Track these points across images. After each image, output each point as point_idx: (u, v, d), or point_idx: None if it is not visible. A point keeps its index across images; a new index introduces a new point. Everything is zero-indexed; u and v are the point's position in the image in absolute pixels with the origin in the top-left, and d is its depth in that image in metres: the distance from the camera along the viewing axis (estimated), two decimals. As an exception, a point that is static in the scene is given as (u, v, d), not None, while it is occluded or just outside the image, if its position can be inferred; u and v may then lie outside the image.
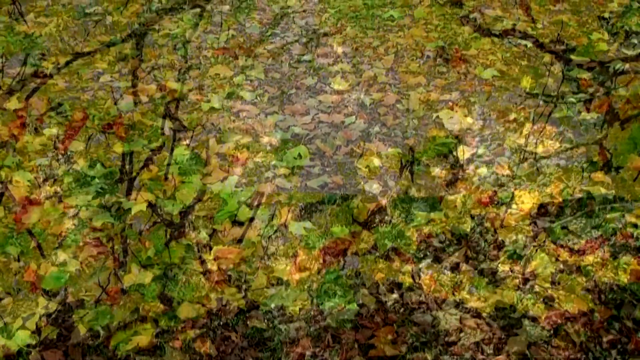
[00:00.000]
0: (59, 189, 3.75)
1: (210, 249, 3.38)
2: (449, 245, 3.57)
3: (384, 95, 4.55)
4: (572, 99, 4.73)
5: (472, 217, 3.74)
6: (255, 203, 3.64)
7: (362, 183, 3.78)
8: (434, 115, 4.30)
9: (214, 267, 3.27)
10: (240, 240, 3.41)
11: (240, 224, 3.51)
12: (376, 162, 3.95)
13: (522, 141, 4.36)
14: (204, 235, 3.45)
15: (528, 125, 4.48)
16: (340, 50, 5.20)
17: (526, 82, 4.63)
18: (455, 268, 3.43)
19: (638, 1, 6.06)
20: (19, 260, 3.35)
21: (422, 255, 3.50)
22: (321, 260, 3.41)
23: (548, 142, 4.37)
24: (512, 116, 4.48)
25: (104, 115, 4.37)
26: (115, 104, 4.47)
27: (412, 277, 3.39)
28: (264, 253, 3.36)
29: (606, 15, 6.14)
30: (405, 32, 5.43)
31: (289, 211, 3.59)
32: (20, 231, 3.53)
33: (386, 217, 3.71)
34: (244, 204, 3.61)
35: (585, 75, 5.07)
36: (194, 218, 3.55)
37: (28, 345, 3.00)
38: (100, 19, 5.85)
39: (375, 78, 4.77)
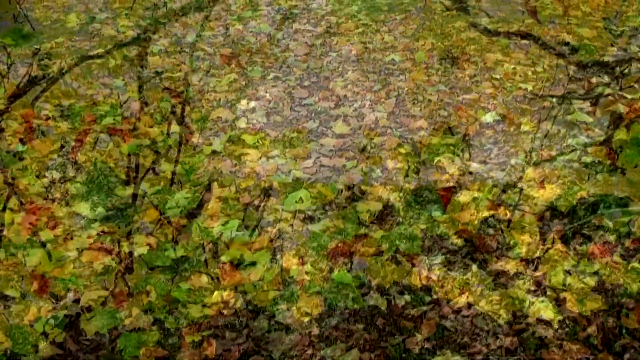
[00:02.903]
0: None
1: (212, 292, 3.37)
2: (457, 247, 3.60)
3: (385, 139, 4.56)
4: (578, 101, 4.80)
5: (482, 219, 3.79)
6: (257, 247, 3.63)
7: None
8: (436, 159, 4.30)
9: (215, 313, 3.26)
10: (241, 285, 3.40)
11: (242, 267, 3.50)
12: (378, 205, 3.95)
13: (529, 143, 4.40)
14: (205, 279, 3.43)
15: (534, 127, 4.51)
16: (341, 93, 5.22)
17: (527, 126, 4.65)
18: (464, 269, 3.46)
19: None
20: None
21: (430, 257, 3.52)
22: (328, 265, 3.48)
23: (555, 144, 4.40)
24: (519, 119, 4.56)
25: (106, 157, 4.39)
26: (118, 146, 4.49)
27: (420, 278, 3.41)
28: (265, 297, 3.35)
29: (611, 17, 6.23)
30: (406, 76, 5.46)
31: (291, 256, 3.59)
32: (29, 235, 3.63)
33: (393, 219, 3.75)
34: (246, 247, 3.60)
35: (591, 76, 5.12)
36: (196, 262, 3.54)
37: None
38: (103, 61, 5.89)
39: (377, 122, 4.79)
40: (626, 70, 5.33)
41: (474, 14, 6.50)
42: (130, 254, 3.58)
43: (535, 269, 3.46)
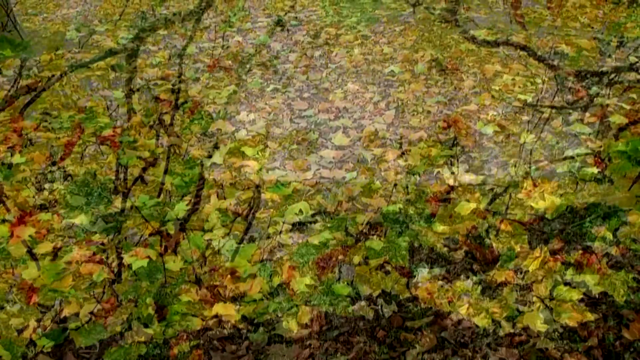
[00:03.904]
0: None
1: (212, 305, 3.36)
2: (453, 257, 3.62)
3: (385, 150, 4.56)
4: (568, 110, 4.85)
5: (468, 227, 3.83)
6: (257, 259, 3.62)
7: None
8: (435, 170, 4.30)
9: (215, 326, 3.25)
10: (242, 297, 3.39)
11: (242, 280, 3.49)
12: (377, 217, 3.94)
13: (525, 153, 4.43)
14: (205, 291, 3.42)
15: (531, 138, 4.53)
16: (341, 105, 5.23)
17: (525, 138, 4.65)
18: (451, 278, 3.49)
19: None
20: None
21: (417, 266, 3.56)
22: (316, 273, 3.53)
23: (543, 152, 4.43)
24: (517, 130, 4.60)
25: (106, 170, 4.39)
26: (118, 159, 4.49)
27: (408, 287, 3.44)
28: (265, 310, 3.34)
29: (598, 26, 6.28)
30: (405, 87, 5.47)
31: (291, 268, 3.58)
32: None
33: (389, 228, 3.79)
34: (246, 260, 3.60)
35: (580, 85, 5.15)
36: (195, 274, 3.53)
37: None
38: (103, 73, 5.90)
39: (377, 133, 4.79)
40: (617, 78, 5.37)
41: (463, 21, 6.55)
42: (129, 266, 3.57)
43: (523, 277, 3.48)
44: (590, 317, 3.20)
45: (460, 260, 3.59)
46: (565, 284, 3.41)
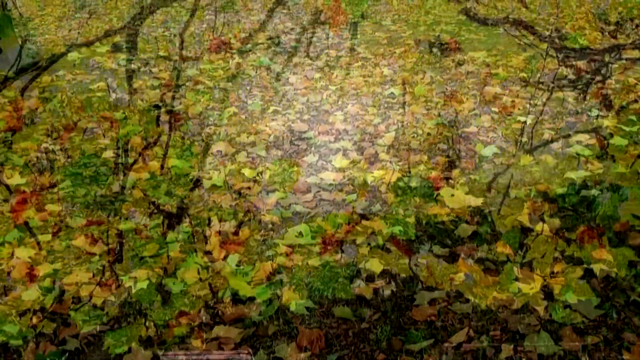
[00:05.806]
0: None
1: (212, 328, 3.35)
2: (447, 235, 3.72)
3: (385, 172, 4.57)
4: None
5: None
6: (257, 282, 3.62)
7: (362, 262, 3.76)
8: (435, 193, 4.30)
9: (215, 348, 3.24)
10: (241, 320, 3.39)
11: (242, 302, 3.49)
12: (379, 240, 3.94)
13: (519, 128, 4.47)
14: (204, 314, 3.42)
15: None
16: (341, 127, 5.24)
17: (525, 160, 4.66)
18: (452, 258, 3.60)
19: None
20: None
21: (419, 245, 3.68)
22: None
23: (544, 129, 4.47)
24: (508, 104, 4.65)
25: (105, 191, 4.40)
26: (118, 181, 4.51)
27: (410, 267, 3.55)
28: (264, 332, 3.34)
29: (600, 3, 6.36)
30: (405, 109, 5.48)
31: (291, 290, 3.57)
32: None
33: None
34: (246, 282, 3.59)
35: (581, 63, 5.19)
36: (195, 297, 3.53)
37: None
38: (104, 94, 5.93)
39: (377, 155, 4.80)
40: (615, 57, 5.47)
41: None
42: (130, 288, 3.57)
43: (524, 255, 3.51)
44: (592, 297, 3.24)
45: (467, 281, 3.60)
46: (567, 261, 3.45)
